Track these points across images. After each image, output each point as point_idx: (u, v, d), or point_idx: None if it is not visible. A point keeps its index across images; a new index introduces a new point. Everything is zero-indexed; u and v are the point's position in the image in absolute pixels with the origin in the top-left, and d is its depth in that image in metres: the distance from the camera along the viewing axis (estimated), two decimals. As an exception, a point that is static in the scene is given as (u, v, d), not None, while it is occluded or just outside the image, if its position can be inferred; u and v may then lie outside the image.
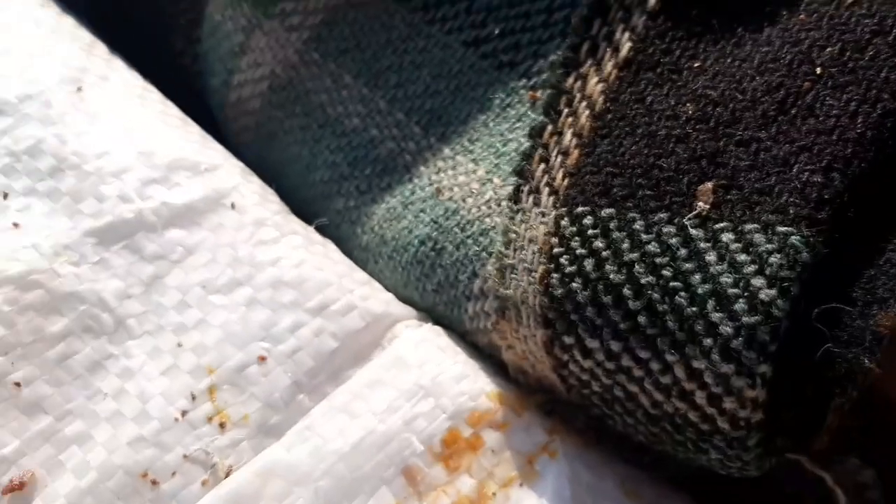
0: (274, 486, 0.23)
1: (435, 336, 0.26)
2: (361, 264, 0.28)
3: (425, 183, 0.27)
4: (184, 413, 0.24)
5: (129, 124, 0.29)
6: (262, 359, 0.25)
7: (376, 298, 0.26)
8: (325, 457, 0.23)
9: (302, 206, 0.29)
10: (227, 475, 0.23)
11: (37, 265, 0.25)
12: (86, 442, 0.23)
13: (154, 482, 0.23)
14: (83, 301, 0.25)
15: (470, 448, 0.24)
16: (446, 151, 0.27)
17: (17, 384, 0.24)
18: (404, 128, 0.28)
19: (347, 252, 0.28)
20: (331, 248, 0.28)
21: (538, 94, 0.26)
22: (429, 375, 0.24)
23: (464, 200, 0.26)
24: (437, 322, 0.27)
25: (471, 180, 0.26)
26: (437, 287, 0.26)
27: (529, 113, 0.26)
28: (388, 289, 0.27)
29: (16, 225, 0.26)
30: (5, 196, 0.27)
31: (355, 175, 0.29)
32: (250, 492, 0.22)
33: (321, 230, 0.29)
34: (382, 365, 0.25)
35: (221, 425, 0.24)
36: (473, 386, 0.25)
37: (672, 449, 0.22)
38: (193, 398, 0.24)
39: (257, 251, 0.26)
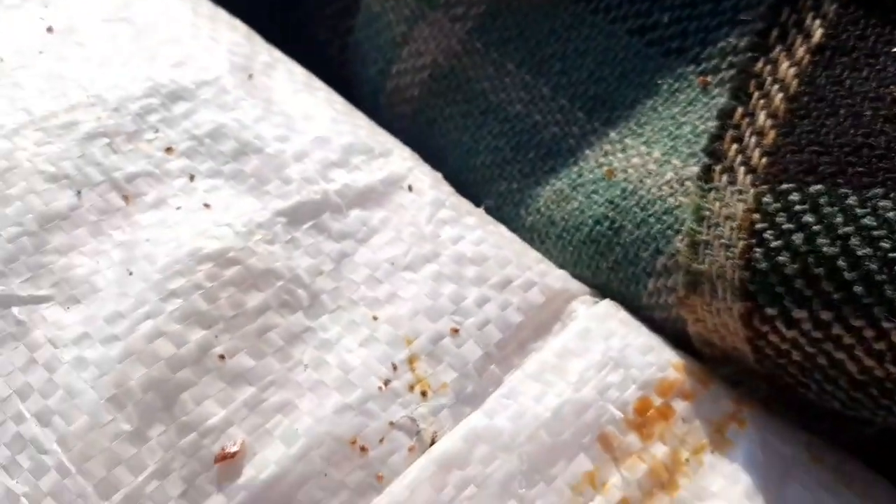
0: (480, 451, 0.23)
1: (615, 310, 0.27)
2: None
3: (593, 165, 0.28)
4: (387, 382, 0.24)
5: (302, 111, 0.30)
6: (455, 331, 0.26)
7: (553, 275, 0.27)
8: (526, 423, 0.24)
9: (462, 190, 0.30)
10: (433, 441, 0.24)
11: (233, 243, 0.26)
12: (291, 411, 0.24)
13: (363, 448, 0.24)
14: (279, 277, 0.26)
15: (661, 416, 0.25)
16: (612, 135, 0.28)
17: (221, 356, 0.24)
18: (568, 113, 0.29)
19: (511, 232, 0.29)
20: (502, 227, 0.29)
21: (708, 78, 0.27)
22: (616, 347, 0.25)
23: (641, 181, 0.27)
24: (610, 298, 0.27)
25: (646, 162, 0.27)
26: (613, 265, 0.27)
27: (701, 97, 0.27)
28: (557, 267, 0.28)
29: (206, 205, 0.27)
30: (192, 178, 0.28)
31: (518, 159, 0.30)
32: (459, 456, 0.23)
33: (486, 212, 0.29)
34: (570, 337, 0.26)
35: (423, 394, 0.24)
36: (660, 357, 0.25)
37: (872, 413, 0.23)
38: (395, 368, 0.25)
39: (439, 230, 0.27)
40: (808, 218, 0.22)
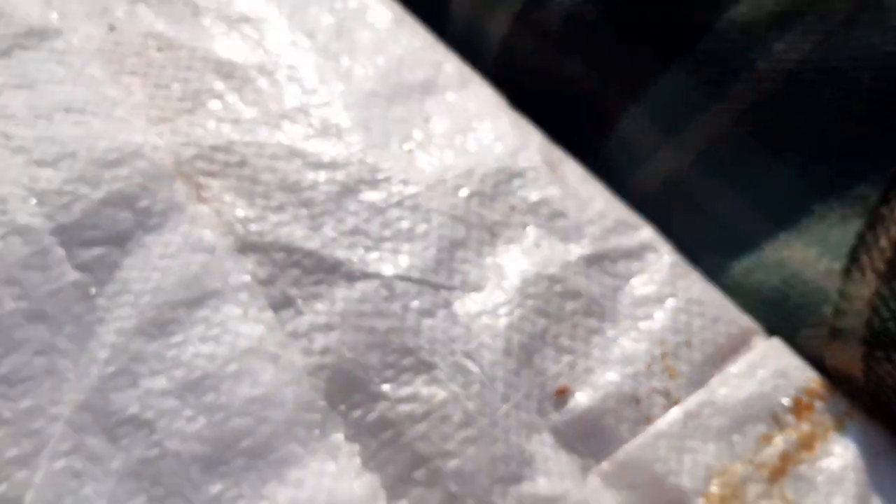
0: (705, 411, 0.41)
1: (781, 345, 0.44)
2: (719, 298, 0.46)
3: (772, 254, 0.46)
4: (649, 365, 0.42)
5: (587, 193, 0.47)
6: (688, 343, 0.43)
7: (742, 318, 0.45)
8: (729, 401, 0.41)
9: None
10: (676, 402, 0.41)
11: (558, 271, 0.43)
12: (594, 374, 0.41)
13: (637, 401, 0.41)
14: (583, 295, 0.43)
15: (807, 408, 0.42)
16: (783, 237, 0.46)
17: (554, 336, 0.42)
18: (759, 223, 0.47)
19: (708, 289, 0.47)
20: (711, 285, 0.46)
21: (847, 212, 0.44)
22: (783, 365, 0.43)
23: (804, 269, 0.44)
24: (778, 337, 0.45)
25: (807, 256, 0.44)
26: (782, 317, 0.44)
27: (841, 223, 0.44)
28: (741, 314, 0.46)
29: (537, 246, 0.45)
30: (525, 227, 0.45)
31: (720, 246, 0.47)
32: (692, 413, 0.40)
33: (693, 274, 0.47)
34: (755, 356, 0.43)
35: (671, 375, 0.42)
36: (807, 374, 0.43)
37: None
38: (654, 358, 0.42)
39: (676, 281, 0.45)
40: (909, 303, 0.39)
